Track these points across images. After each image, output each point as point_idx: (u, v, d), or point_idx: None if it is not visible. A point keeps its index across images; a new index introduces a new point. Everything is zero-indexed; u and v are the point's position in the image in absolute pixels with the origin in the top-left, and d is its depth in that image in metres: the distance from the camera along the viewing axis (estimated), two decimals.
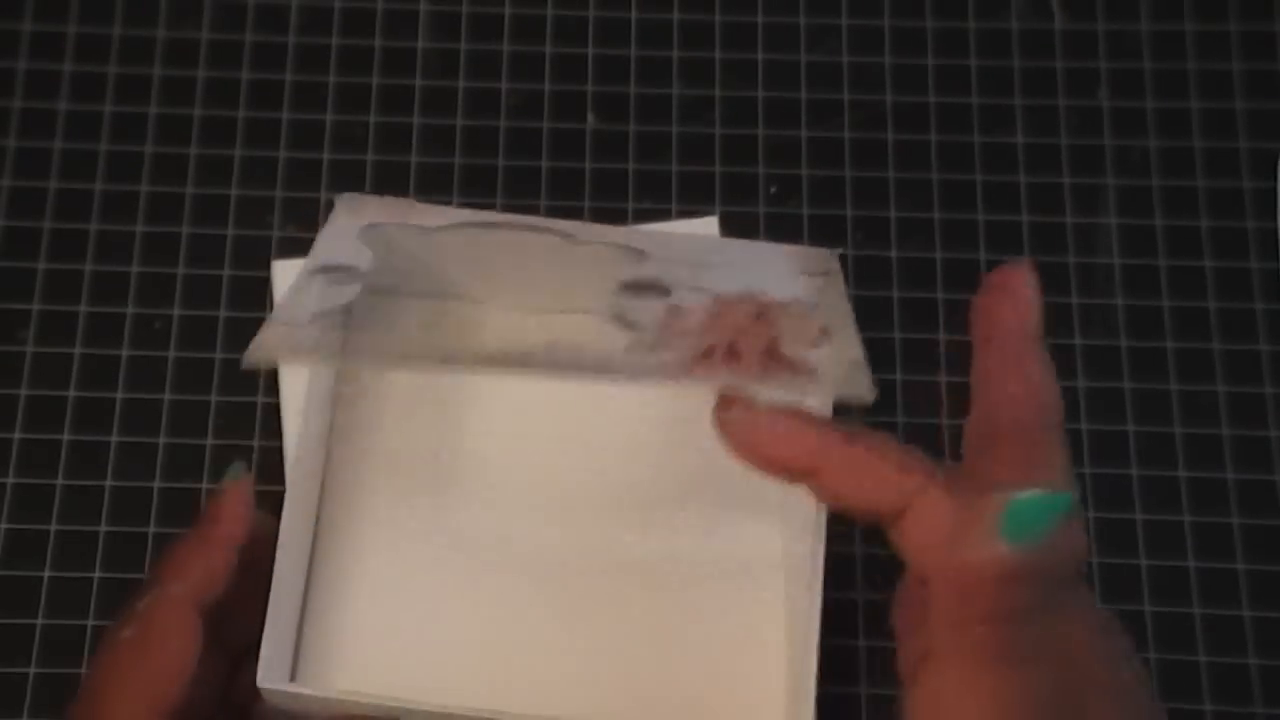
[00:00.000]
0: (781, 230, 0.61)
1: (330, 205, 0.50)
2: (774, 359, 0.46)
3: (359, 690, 0.50)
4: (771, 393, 0.44)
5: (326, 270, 0.52)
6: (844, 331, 0.48)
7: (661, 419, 0.56)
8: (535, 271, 0.55)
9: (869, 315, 0.60)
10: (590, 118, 0.63)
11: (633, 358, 0.46)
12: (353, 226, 0.52)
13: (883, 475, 0.42)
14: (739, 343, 0.47)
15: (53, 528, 0.57)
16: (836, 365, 0.47)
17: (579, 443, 0.57)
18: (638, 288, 0.50)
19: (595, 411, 0.57)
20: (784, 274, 0.50)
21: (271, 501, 0.57)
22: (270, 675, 0.49)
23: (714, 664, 0.55)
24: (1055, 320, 0.60)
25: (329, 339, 0.49)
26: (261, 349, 0.48)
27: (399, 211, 0.52)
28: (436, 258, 0.54)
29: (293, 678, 0.54)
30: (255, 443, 0.58)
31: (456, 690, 0.52)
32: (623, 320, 0.49)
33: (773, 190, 0.62)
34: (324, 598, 0.56)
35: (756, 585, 0.56)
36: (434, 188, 0.62)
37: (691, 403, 0.48)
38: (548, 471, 0.57)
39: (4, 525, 0.57)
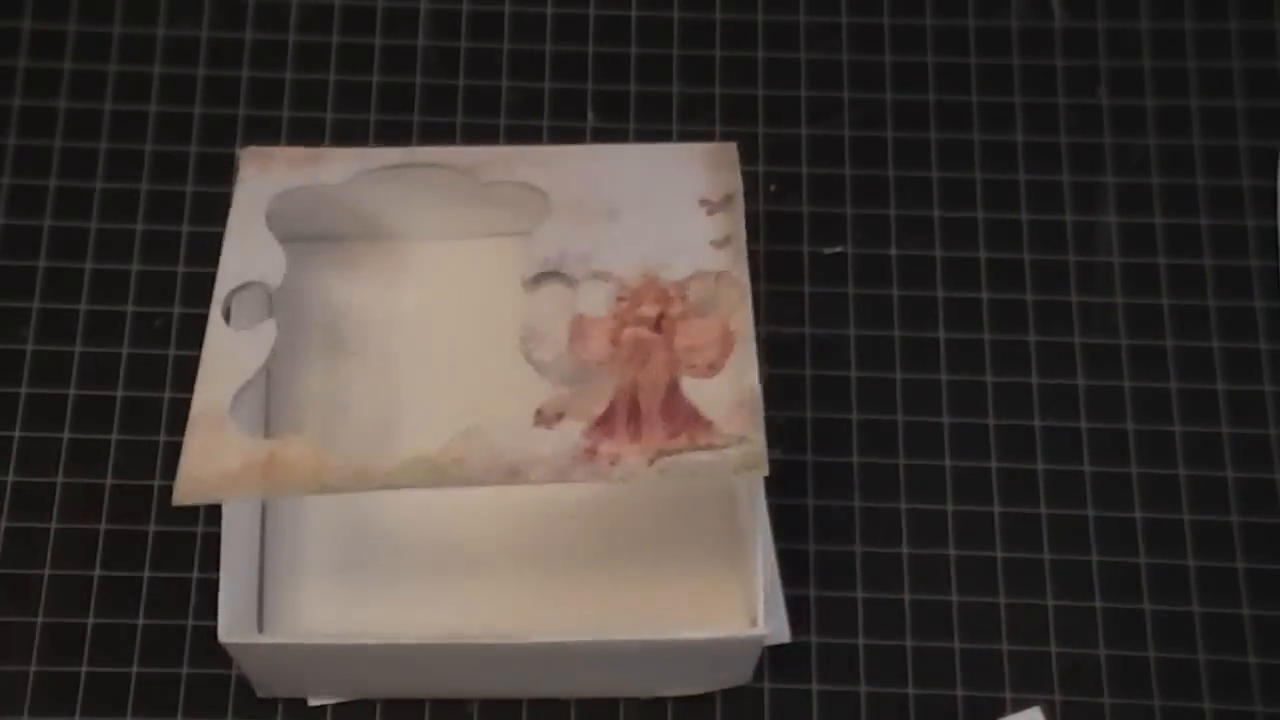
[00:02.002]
0: (781, 228, 0.61)
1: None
2: (674, 409, 0.50)
3: (317, 635, 0.51)
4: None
5: (240, 292, 0.53)
6: (742, 326, 0.51)
7: None
8: (448, 203, 0.57)
9: (869, 313, 0.60)
10: (590, 116, 0.63)
11: (542, 447, 0.49)
12: (261, 197, 0.54)
13: None
14: (640, 390, 0.50)
15: (53, 527, 0.57)
16: (732, 416, 0.50)
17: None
18: (540, 277, 0.53)
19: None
20: (684, 215, 0.54)
21: None
22: (232, 630, 0.50)
23: (675, 580, 0.56)
24: (1055, 318, 0.60)
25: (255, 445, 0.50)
26: (191, 481, 0.49)
27: (304, 164, 0.55)
28: (353, 202, 0.57)
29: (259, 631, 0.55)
30: None
31: (421, 623, 0.54)
32: (532, 334, 0.52)
33: (772, 189, 0.62)
34: (278, 547, 0.56)
35: (705, 499, 0.57)
36: None
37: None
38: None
39: (4, 524, 0.57)
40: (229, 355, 0.52)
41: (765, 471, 0.50)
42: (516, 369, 0.51)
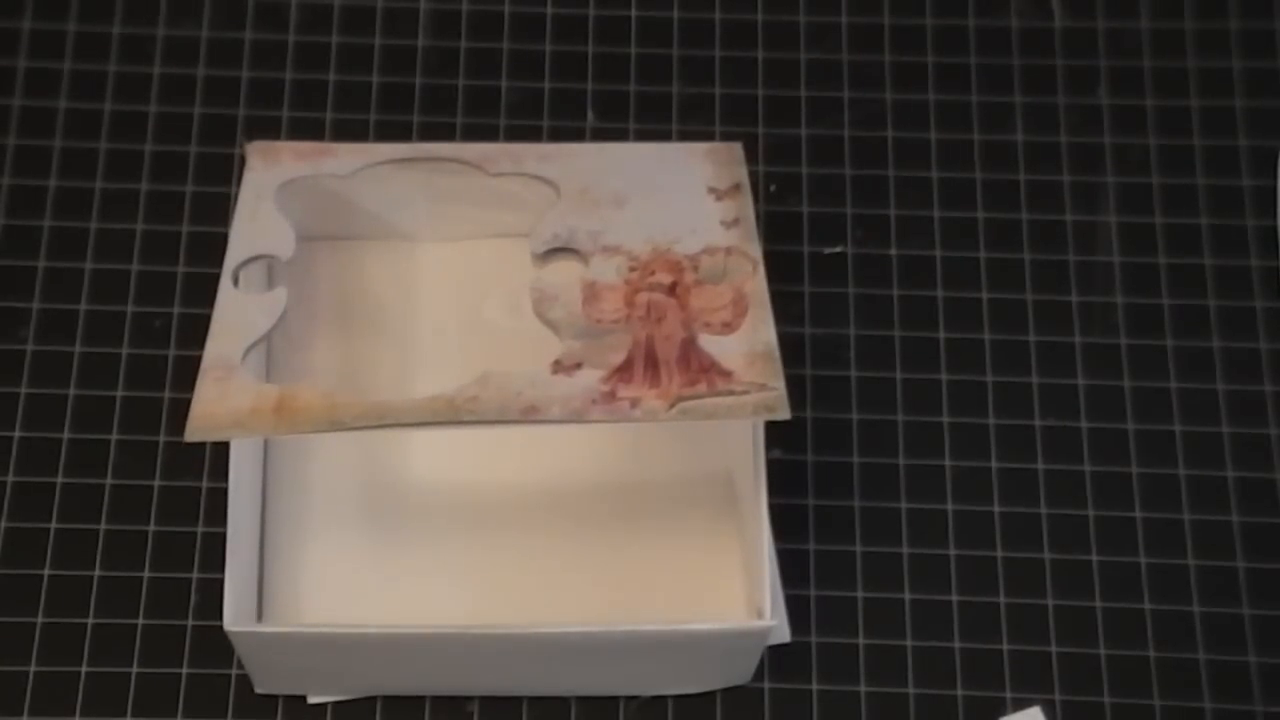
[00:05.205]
0: (781, 228, 0.61)
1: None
2: (691, 360, 0.50)
3: (322, 624, 0.50)
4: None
5: (248, 264, 0.53)
6: (755, 290, 0.52)
7: None
8: (455, 202, 0.57)
9: (869, 313, 0.60)
10: (590, 116, 0.63)
11: (558, 390, 0.49)
12: (269, 183, 0.54)
13: None
14: (656, 344, 0.50)
15: (53, 526, 0.57)
16: (750, 366, 0.50)
17: None
18: (550, 253, 0.53)
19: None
20: (692, 200, 0.54)
21: None
22: (237, 619, 0.50)
23: (678, 577, 0.56)
24: (1055, 318, 0.60)
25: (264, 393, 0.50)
26: (203, 419, 0.49)
27: (311, 156, 0.55)
28: (358, 200, 0.57)
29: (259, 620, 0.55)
30: None
31: (423, 616, 0.54)
32: (544, 296, 0.51)
33: (772, 189, 0.62)
34: (282, 539, 0.56)
35: (707, 496, 0.57)
36: None
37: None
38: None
39: (4, 524, 0.57)
40: (240, 315, 0.51)
41: (786, 415, 0.50)
42: (529, 343, 0.51)
